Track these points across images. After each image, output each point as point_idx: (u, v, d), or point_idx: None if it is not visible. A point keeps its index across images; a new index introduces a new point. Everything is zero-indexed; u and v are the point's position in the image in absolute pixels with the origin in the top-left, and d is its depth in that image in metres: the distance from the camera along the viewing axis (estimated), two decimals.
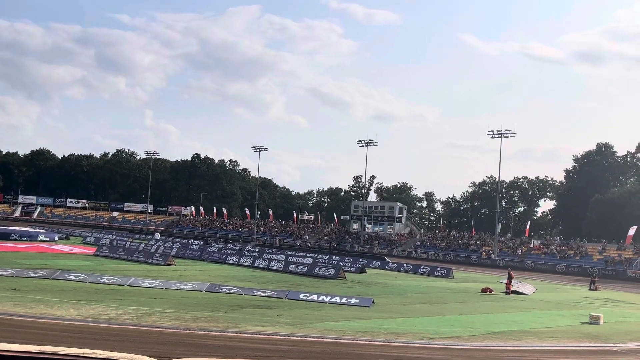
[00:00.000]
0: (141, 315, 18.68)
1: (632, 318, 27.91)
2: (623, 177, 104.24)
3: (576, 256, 67.12)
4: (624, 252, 64.92)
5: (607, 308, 31.40)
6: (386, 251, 77.91)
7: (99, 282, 26.78)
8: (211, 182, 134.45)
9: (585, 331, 21.94)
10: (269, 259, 45.28)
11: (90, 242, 59.11)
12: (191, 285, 27.19)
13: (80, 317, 17.78)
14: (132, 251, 45.27)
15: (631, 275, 58.71)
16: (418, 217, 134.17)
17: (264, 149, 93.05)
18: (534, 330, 21.37)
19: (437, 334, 19.01)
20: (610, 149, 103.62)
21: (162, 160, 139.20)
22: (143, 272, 32.91)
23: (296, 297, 25.72)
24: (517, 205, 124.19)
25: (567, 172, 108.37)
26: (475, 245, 77.73)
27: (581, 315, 26.40)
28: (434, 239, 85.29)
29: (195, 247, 55.80)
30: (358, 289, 32.37)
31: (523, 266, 65.09)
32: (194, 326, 17.45)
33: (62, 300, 20.84)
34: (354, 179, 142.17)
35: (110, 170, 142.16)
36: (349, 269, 44.47)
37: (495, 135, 70.72)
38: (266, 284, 31.33)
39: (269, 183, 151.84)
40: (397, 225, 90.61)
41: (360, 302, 25.22)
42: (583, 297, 37.58)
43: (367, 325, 19.64)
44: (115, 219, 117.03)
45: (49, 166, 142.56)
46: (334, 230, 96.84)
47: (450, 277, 46.62)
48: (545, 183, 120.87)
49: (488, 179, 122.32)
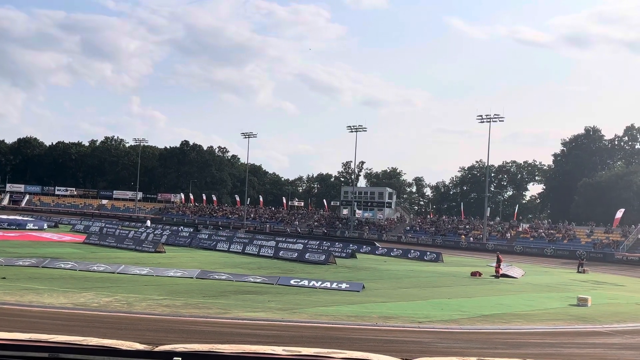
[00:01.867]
0: (131, 303, 18.67)
1: (619, 300, 28.22)
2: (611, 160, 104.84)
3: (564, 239, 67.67)
4: (611, 234, 65.53)
5: (594, 290, 31.73)
6: (376, 236, 78.18)
7: (88, 270, 26.71)
8: (200, 169, 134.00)
9: (574, 313, 22.18)
10: (259, 245, 45.33)
11: (79, 230, 58.86)
12: (181, 272, 27.19)
13: (70, 304, 17.74)
14: (121, 239, 45.12)
15: (618, 257, 59.30)
16: (408, 202, 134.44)
17: (253, 136, 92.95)
18: (523, 313, 21.57)
19: (427, 317, 19.15)
20: (598, 133, 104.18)
21: (151, 147, 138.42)
22: (133, 260, 32.87)
23: (287, 283, 25.79)
24: (506, 189, 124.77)
25: (556, 156, 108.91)
26: (465, 229, 78.14)
27: (569, 297, 26.68)
28: (424, 223, 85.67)
29: (185, 234, 55.69)
30: (348, 274, 32.50)
31: (512, 250, 65.56)
32: (185, 313, 17.47)
33: (52, 288, 20.79)
34: (343, 165, 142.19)
35: (99, 157, 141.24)
36: (339, 255, 44.61)
37: (484, 120, 70.90)
38: (257, 270, 31.39)
39: (258, 169, 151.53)
40: (386, 210, 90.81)
41: (351, 287, 25.33)
42: (571, 280, 37.95)
43: (358, 310, 19.74)
44: (104, 207, 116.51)
45: (37, 154, 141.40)
46: (324, 216, 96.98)
47: (440, 262, 46.89)
48: (534, 167, 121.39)
49: (477, 163, 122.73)
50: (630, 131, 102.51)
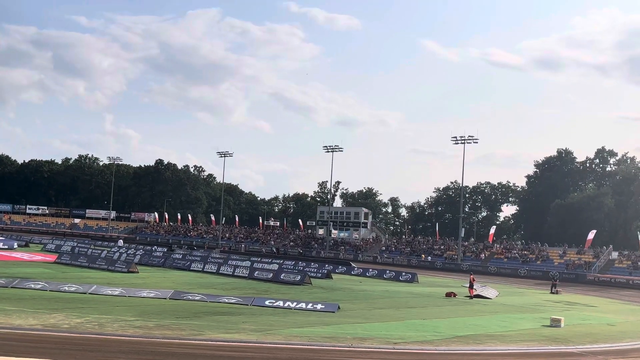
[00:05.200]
0: (103, 324, 18.35)
1: (591, 321, 28.53)
2: (582, 182, 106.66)
3: (538, 260, 68.35)
4: (583, 255, 66.37)
5: (567, 311, 32.04)
6: (352, 256, 78.15)
7: (59, 290, 26.22)
8: (175, 188, 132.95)
9: (547, 334, 22.35)
10: (234, 265, 44.99)
11: (51, 249, 57.82)
12: (155, 293, 26.83)
13: (40, 326, 17.38)
14: (94, 258, 44.45)
15: (590, 278, 60.00)
16: (383, 223, 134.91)
17: (229, 155, 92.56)
18: (497, 334, 21.68)
19: (402, 338, 19.13)
20: (570, 155, 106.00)
21: (125, 165, 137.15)
22: (105, 280, 32.35)
23: (262, 304, 25.60)
24: (480, 210, 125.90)
25: (529, 177, 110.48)
26: (440, 250, 78.52)
27: (543, 318, 26.88)
28: (399, 244, 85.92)
29: (159, 254, 55.07)
30: (324, 295, 32.38)
31: (486, 270, 65.97)
32: (158, 334, 17.22)
33: (21, 309, 20.34)
34: (319, 185, 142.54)
35: (72, 176, 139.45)
36: (315, 275, 44.49)
37: (459, 142, 71.62)
38: (231, 291, 31.11)
39: (234, 189, 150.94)
40: (362, 230, 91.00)
41: (326, 308, 25.23)
42: (545, 301, 38.27)
43: (333, 331, 19.65)
44: (76, 226, 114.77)
45: (8, 172, 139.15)
46: (299, 236, 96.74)
47: (415, 282, 47.00)
48: (508, 188, 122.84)
49: (452, 184, 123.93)
50: (601, 153, 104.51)
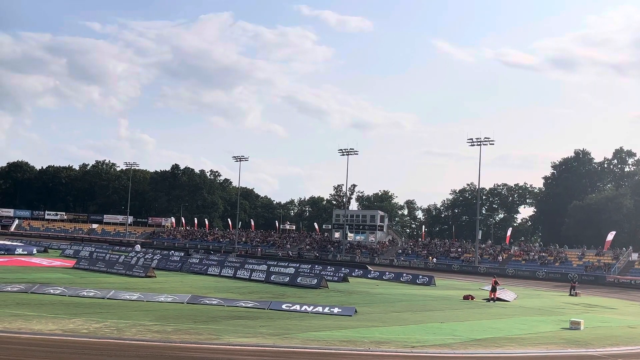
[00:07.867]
0: (121, 329, 18.46)
1: (611, 323, 28.19)
2: (600, 183, 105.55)
3: (556, 262, 67.73)
4: (602, 257, 65.66)
5: (587, 313, 31.70)
6: (368, 260, 77.99)
7: (78, 296, 26.42)
8: (191, 193, 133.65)
9: (567, 337, 22.12)
10: (250, 269, 45.05)
11: (69, 254, 58.33)
12: (172, 297, 26.95)
13: (60, 331, 17.52)
14: (112, 263, 44.73)
15: (610, 280, 59.37)
16: (399, 225, 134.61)
17: (244, 159, 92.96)
18: (516, 337, 21.49)
19: (419, 342, 19.03)
20: (588, 156, 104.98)
21: (142, 171, 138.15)
22: (123, 285, 32.57)
23: (278, 308, 25.61)
24: (497, 212, 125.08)
25: (546, 178, 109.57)
26: (457, 252, 78.09)
27: (562, 320, 26.63)
28: (416, 246, 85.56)
29: (176, 258, 55.29)
30: (340, 298, 32.33)
31: (504, 273, 65.50)
32: (176, 339, 17.28)
33: (41, 314, 20.53)
34: (334, 188, 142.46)
35: (89, 181, 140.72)
36: (331, 278, 44.40)
37: (475, 143, 71.23)
38: (248, 295, 31.17)
39: (250, 193, 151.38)
40: (378, 233, 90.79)
41: (343, 312, 25.18)
42: (563, 303, 37.90)
43: (350, 335, 19.60)
44: (94, 231, 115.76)
45: (27, 178, 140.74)
46: (315, 240, 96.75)
47: (432, 285, 46.74)
48: (525, 190, 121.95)
49: (468, 186, 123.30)
50: (620, 154, 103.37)
